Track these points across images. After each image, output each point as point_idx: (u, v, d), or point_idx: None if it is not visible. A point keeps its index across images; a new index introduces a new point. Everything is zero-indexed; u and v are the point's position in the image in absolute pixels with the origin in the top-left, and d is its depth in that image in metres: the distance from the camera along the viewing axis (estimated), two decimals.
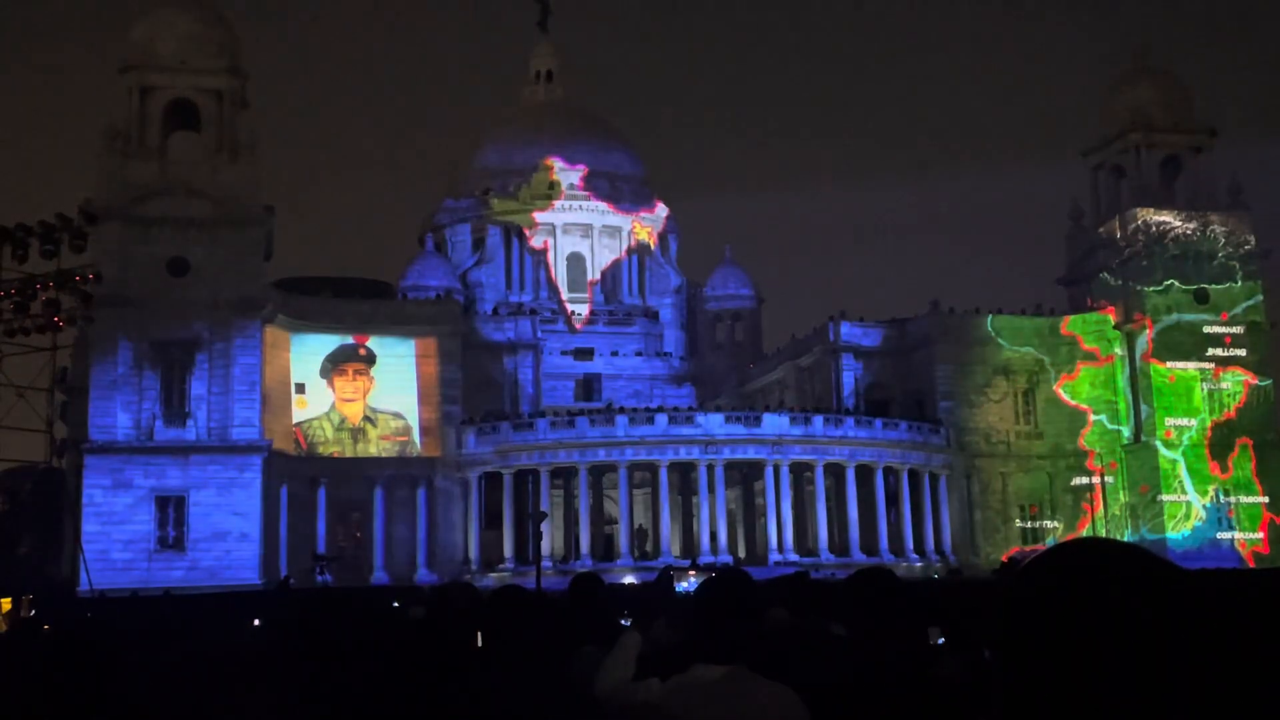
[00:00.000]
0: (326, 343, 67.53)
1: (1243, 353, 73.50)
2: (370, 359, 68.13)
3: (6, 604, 31.32)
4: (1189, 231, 75.21)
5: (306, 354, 66.96)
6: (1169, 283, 74.32)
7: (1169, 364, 72.78)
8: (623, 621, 7.99)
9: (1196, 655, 1.72)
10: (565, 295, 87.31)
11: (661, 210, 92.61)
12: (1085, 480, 72.33)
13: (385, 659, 5.64)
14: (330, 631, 6.01)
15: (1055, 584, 1.81)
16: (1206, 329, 73.34)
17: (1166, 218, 75.76)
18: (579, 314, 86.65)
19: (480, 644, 6.06)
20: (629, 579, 50.77)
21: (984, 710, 1.95)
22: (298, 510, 64.01)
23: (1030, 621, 1.80)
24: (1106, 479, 71.49)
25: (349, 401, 67.84)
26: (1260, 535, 70.54)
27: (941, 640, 6.53)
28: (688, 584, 37.78)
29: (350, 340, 68.02)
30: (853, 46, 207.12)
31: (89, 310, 58.40)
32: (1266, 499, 70.79)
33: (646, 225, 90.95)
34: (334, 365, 67.55)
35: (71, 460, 62.43)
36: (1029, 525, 72.89)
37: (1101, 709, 1.73)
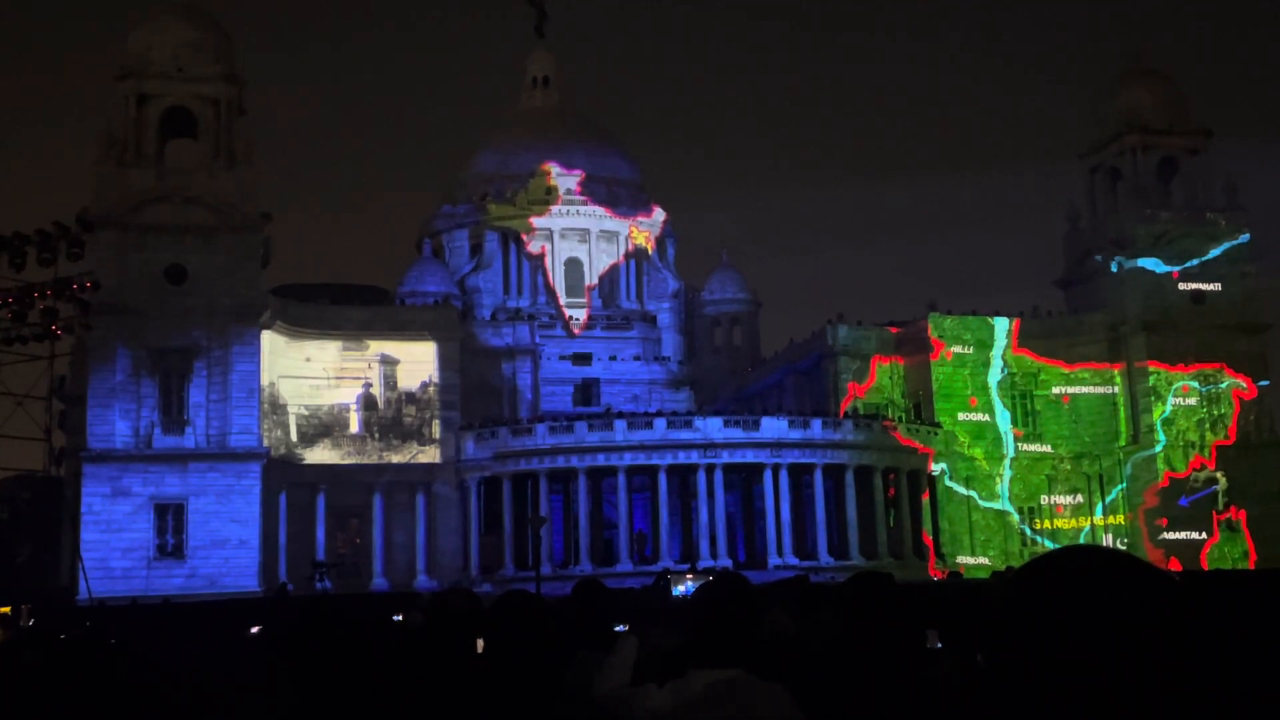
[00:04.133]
0: (325, 349, 67.53)
1: (1240, 354, 73.59)
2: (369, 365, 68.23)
3: (5, 613, 31.30)
4: (1185, 233, 75.34)
5: (305, 360, 66.97)
6: (1164, 284, 74.42)
7: (1165, 366, 72.87)
8: (619, 627, 8.00)
9: (1185, 658, 1.73)
10: (563, 300, 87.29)
11: (659, 214, 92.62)
12: (1084, 482, 72.40)
13: (384, 666, 5.64)
14: (326, 638, 5.99)
15: (1045, 590, 1.82)
16: (1203, 330, 73.41)
17: (1163, 219, 75.90)
18: (577, 319, 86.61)
19: (481, 651, 6.06)
20: (629, 583, 50.71)
21: (981, 713, 1.96)
22: (297, 517, 63.97)
23: (1021, 627, 1.81)
24: (1106, 480, 71.58)
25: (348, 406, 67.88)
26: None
27: (939, 645, 6.54)
28: (685, 587, 37.78)
29: (349, 346, 68.03)
30: (850, 49, 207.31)
31: (86, 318, 58.46)
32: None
33: (644, 230, 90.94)
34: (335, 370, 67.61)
35: (70, 468, 62.39)
36: (1028, 528, 72.93)
37: (1091, 711, 1.74)
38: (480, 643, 6.09)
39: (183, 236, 61.90)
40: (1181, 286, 74.55)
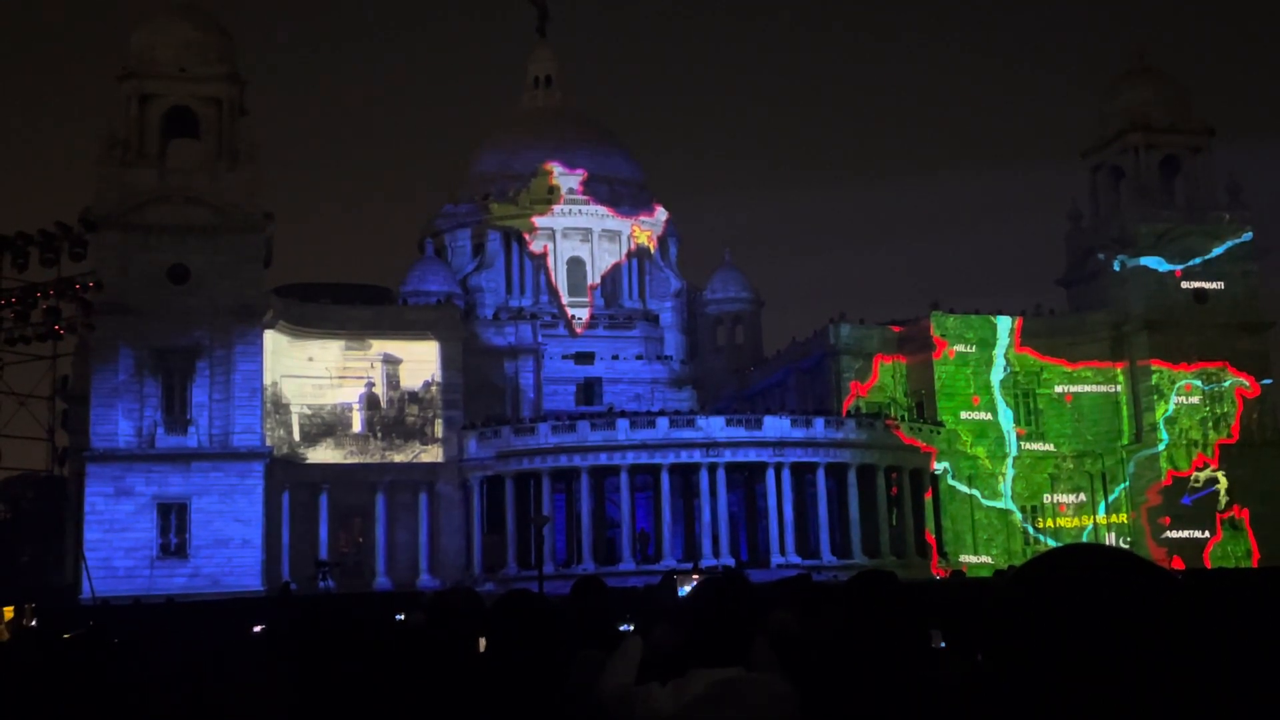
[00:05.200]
0: (327, 348, 67.56)
1: (1242, 352, 73.55)
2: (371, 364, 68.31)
3: (9, 612, 31.30)
4: (1188, 231, 75.29)
5: (307, 359, 66.99)
6: (1166, 283, 74.37)
7: (1168, 364, 72.82)
8: (624, 626, 8.00)
9: (1185, 657, 1.73)
10: (565, 299, 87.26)
11: (661, 214, 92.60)
12: (1087, 481, 72.35)
13: (386, 666, 5.64)
14: (329, 638, 6.00)
15: (1045, 590, 1.81)
16: (1206, 329, 73.36)
17: (1165, 217, 75.85)
18: (579, 318, 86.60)
19: (483, 650, 6.05)
20: (631, 582, 50.68)
21: (984, 713, 1.96)
22: (300, 516, 64.00)
23: (1020, 626, 1.81)
24: (1109, 479, 71.53)
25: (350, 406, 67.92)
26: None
27: (943, 644, 6.54)
28: (689, 587, 37.70)
29: (351, 346, 68.06)
30: (852, 48, 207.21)
31: (89, 318, 58.45)
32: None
33: (646, 229, 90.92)
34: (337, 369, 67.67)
35: (73, 468, 62.47)
36: (1031, 526, 72.89)
37: (1092, 711, 1.74)
38: (482, 642, 6.09)
39: (185, 236, 61.93)
40: (1184, 285, 74.51)
